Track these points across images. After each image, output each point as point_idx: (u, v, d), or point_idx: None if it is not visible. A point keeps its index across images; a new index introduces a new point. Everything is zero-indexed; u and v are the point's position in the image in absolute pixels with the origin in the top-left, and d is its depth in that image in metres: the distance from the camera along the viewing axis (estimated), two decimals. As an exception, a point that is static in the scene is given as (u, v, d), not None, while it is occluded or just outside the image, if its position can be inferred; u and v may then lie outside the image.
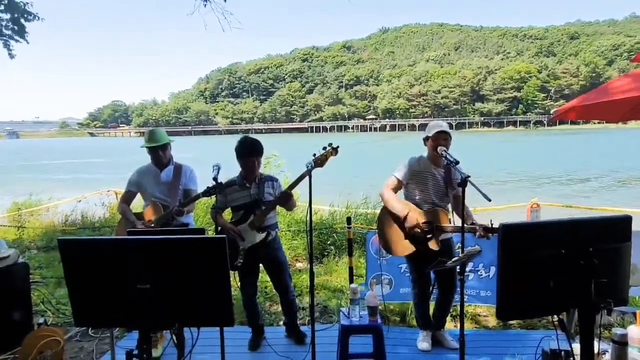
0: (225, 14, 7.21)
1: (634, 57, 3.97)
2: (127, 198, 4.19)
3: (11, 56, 8.46)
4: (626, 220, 1.80)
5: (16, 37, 8.17)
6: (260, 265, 4.01)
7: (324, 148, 3.41)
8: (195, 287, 1.75)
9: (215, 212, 3.77)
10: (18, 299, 3.66)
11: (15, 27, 8.02)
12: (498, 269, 1.68)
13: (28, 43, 8.33)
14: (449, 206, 3.77)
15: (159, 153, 4.01)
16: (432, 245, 3.56)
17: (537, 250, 1.66)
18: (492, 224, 3.40)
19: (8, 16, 7.96)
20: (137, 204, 4.48)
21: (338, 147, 3.43)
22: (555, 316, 1.76)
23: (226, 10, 7.26)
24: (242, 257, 3.74)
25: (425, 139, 3.72)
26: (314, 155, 3.39)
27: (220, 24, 6.97)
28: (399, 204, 3.65)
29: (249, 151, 3.74)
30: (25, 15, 8.03)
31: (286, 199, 3.70)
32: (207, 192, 3.60)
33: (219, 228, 3.64)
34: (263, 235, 3.75)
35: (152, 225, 3.90)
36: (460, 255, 2.82)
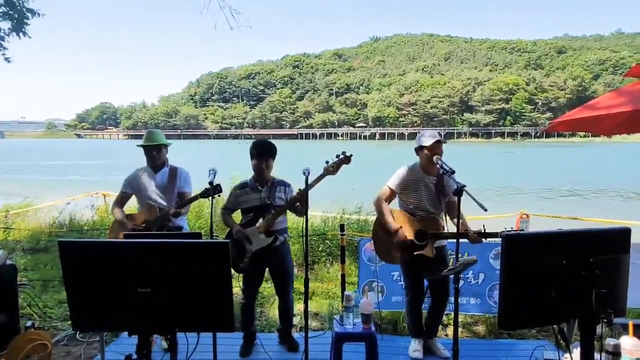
0: (233, 12, 7.18)
1: (627, 72, 4.05)
2: (122, 200, 4.15)
3: (8, 61, 8.34)
4: (625, 232, 1.83)
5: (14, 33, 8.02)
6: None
7: (337, 156, 3.46)
8: (197, 292, 1.73)
9: (224, 212, 3.83)
10: (5, 301, 3.60)
11: (14, 22, 7.88)
12: (501, 279, 1.70)
13: (30, 37, 8.18)
14: (442, 213, 3.81)
15: (152, 153, 4.00)
16: (427, 252, 3.58)
17: (539, 260, 1.67)
18: (484, 229, 3.44)
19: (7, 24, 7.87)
20: (131, 205, 4.44)
21: (351, 155, 3.49)
22: (555, 326, 1.77)
23: (234, 9, 7.23)
24: (248, 260, 3.73)
25: (419, 149, 3.75)
26: (327, 162, 3.42)
27: (228, 23, 6.94)
28: (391, 218, 3.68)
29: (261, 152, 3.75)
30: (26, 14, 7.91)
31: (298, 203, 3.68)
32: (205, 194, 3.60)
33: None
34: (270, 239, 3.73)
35: (143, 226, 3.86)
36: (457, 264, 2.84)
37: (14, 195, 11.20)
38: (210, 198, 3.61)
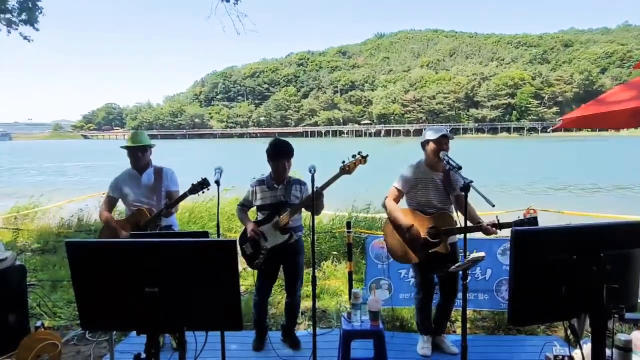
0: (240, 16, 7.30)
1: (635, 64, 4.01)
2: (109, 204, 4.11)
3: (28, 40, 8.43)
4: (637, 226, 1.80)
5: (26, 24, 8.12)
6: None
7: (353, 156, 3.47)
8: (205, 291, 1.74)
9: (240, 208, 3.88)
10: (14, 301, 3.62)
11: (25, 15, 8.00)
12: (510, 274, 1.68)
13: (37, 30, 8.26)
14: (452, 208, 3.79)
15: (137, 154, 3.99)
16: (441, 249, 3.57)
17: (549, 256, 1.66)
18: (498, 220, 3.42)
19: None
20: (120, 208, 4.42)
21: (367, 155, 3.50)
22: (565, 321, 1.76)
23: (241, 13, 7.35)
24: (262, 257, 3.76)
25: (425, 143, 3.73)
26: (343, 162, 3.43)
27: (234, 28, 7.07)
28: (402, 217, 3.67)
29: (280, 153, 3.76)
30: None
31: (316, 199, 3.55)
32: (193, 190, 3.69)
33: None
34: (285, 236, 3.76)
35: (135, 230, 3.84)
36: (465, 260, 2.82)
37: (22, 196, 11.28)
38: (200, 191, 3.73)
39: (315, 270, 3.39)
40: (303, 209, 3.82)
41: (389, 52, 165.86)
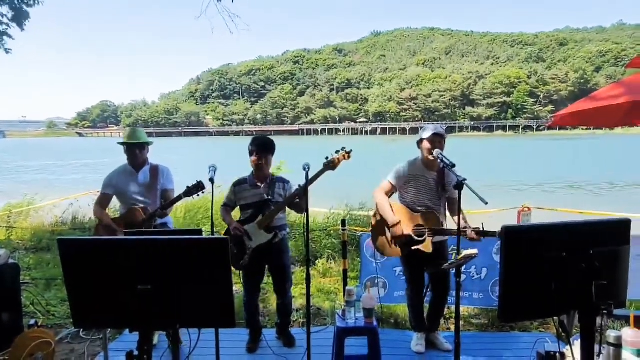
0: (232, 16, 7.31)
1: (629, 63, 4.04)
2: (103, 201, 4.06)
3: (7, 51, 8.40)
4: (625, 224, 1.82)
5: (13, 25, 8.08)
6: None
7: (337, 152, 3.46)
8: (197, 288, 1.74)
9: (223, 208, 3.85)
10: (8, 300, 3.61)
11: (13, 14, 7.95)
12: (500, 271, 1.70)
13: (22, 30, 8.23)
14: (442, 209, 3.80)
15: (136, 152, 3.95)
16: (425, 247, 3.57)
17: (539, 253, 1.67)
18: (483, 227, 3.42)
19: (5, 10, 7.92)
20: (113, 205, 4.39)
21: (351, 151, 3.49)
22: (556, 318, 1.77)
23: (233, 13, 7.36)
24: (248, 257, 3.74)
25: (420, 142, 3.74)
26: (327, 158, 3.42)
27: (227, 27, 7.07)
28: (390, 211, 3.68)
29: (260, 148, 3.74)
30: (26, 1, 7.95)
31: (297, 199, 3.62)
32: (189, 192, 3.70)
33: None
34: (270, 235, 3.74)
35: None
36: (458, 257, 2.84)
37: (16, 194, 11.21)
38: (196, 194, 3.76)
39: (310, 268, 3.39)
40: (287, 208, 3.81)
41: (385, 50, 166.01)
